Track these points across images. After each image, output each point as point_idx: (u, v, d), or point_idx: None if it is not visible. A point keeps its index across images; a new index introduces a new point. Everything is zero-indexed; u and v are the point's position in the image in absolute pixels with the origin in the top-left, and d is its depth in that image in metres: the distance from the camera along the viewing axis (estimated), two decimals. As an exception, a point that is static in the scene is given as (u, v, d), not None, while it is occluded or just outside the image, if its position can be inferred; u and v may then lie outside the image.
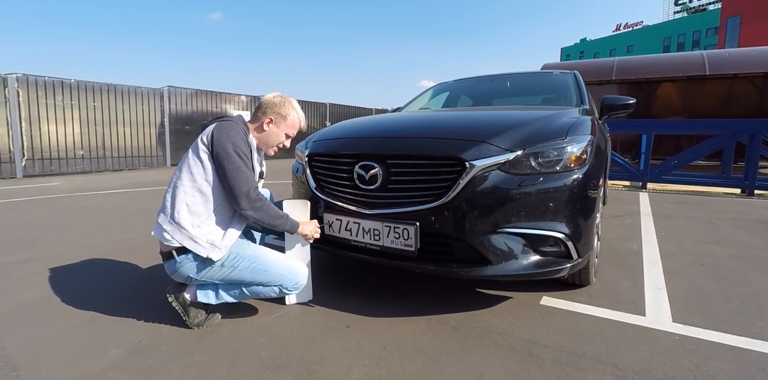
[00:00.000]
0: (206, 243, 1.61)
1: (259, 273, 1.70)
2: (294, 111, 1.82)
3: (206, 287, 1.76)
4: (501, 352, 1.55)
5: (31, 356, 1.54)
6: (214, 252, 1.62)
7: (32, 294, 2.11)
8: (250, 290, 1.75)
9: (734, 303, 2.01)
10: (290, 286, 1.76)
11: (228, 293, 1.76)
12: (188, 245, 1.60)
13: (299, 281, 1.78)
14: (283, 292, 1.77)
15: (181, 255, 1.65)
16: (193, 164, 1.64)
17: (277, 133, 1.81)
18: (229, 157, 1.60)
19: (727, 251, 2.88)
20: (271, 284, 1.73)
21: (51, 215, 4.31)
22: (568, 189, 1.71)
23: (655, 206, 4.69)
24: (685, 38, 44.06)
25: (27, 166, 8.29)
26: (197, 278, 1.68)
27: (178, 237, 1.60)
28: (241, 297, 1.79)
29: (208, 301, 1.76)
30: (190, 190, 1.63)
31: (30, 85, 8.28)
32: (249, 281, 1.72)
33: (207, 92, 11.71)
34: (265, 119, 1.78)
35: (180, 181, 1.64)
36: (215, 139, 1.62)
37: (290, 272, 1.75)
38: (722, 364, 1.47)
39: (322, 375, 1.41)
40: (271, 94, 1.83)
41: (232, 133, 1.64)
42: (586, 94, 2.92)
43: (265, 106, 1.79)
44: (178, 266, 1.67)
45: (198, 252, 1.60)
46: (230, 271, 1.69)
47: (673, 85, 9.99)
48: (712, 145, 6.15)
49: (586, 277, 2.10)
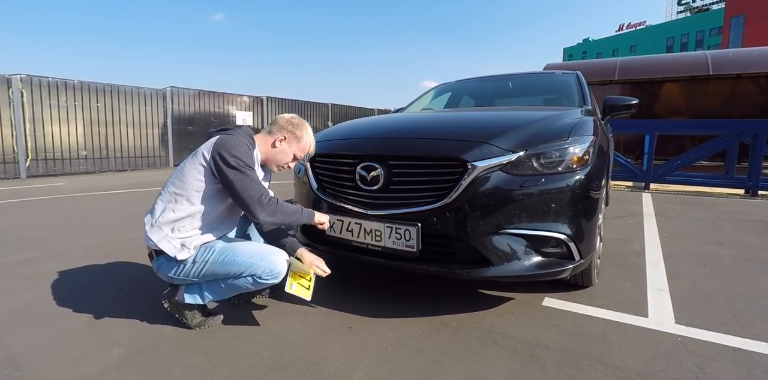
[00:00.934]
0: (178, 245, 1.62)
1: (229, 265, 1.65)
2: (308, 136, 1.83)
3: (192, 288, 1.75)
4: (503, 353, 1.55)
5: (34, 355, 1.54)
6: (182, 252, 1.62)
7: (35, 294, 2.13)
8: (227, 284, 1.70)
9: (738, 304, 2.00)
10: (264, 274, 1.64)
11: (211, 291, 1.74)
12: (162, 246, 1.61)
13: (273, 268, 1.65)
14: (259, 282, 1.66)
15: (159, 255, 1.68)
16: (188, 174, 1.64)
17: (287, 152, 1.81)
18: (233, 171, 1.58)
19: (730, 252, 2.87)
20: (243, 274, 1.65)
21: (54, 215, 4.33)
22: (570, 190, 1.70)
23: (658, 207, 4.68)
24: (688, 38, 43.93)
25: (31, 166, 8.33)
26: (176, 277, 1.69)
27: (155, 237, 1.62)
28: (222, 293, 1.74)
29: (195, 302, 1.74)
30: (179, 198, 1.63)
31: (34, 85, 8.32)
32: (223, 274, 1.68)
33: (210, 93, 11.73)
34: (279, 136, 1.78)
35: (172, 188, 1.65)
36: (217, 154, 1.60)
37: (262, 259, 1.65)
38: (725, 366, 1.46)
39: (324, 375, 1.41)
40: (289, 115, 1.85)
41: (235, 146, 1.62)
42: (589, 95, 2.91)
43: (281, 124, 1.80)
44: (157, 265, 1.70)
45: (167, 252, 1.61)
46: (203, 266, 1.66)
47: (676, 85, 9.95)
48: (715, 146, 6.13)
49: (588, 278, 2.10)
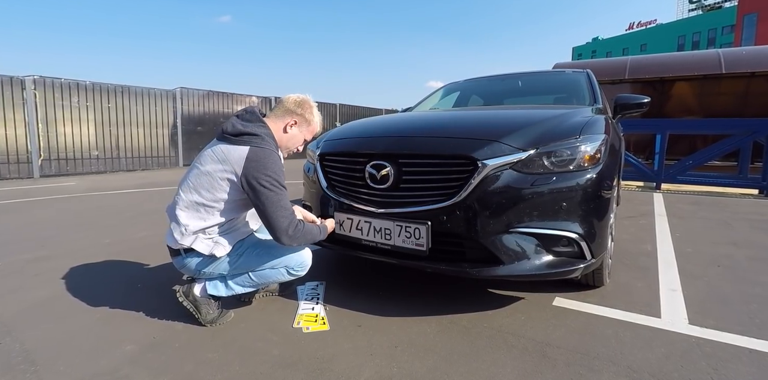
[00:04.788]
0: (211, 243, 1.66)
1: (264, 257, 1.71)
2: (316, 116, 1.82)
3: (215, 279, 1.77)
4: (513, 353, 1.54)
5: (48, 351, 1.57)
6: (218, 249, 1.65)
7: (48, 292, 2.15)
8: (257, 275, 1.73)
9: (753, 305, 1.96)
10: (296, 266, 1.75)
11: (236, 283, 1.75)
12: (194, 246, 1.63)
13: (303, 261, 1.76)
14: (290, 273, 1.75)
15: (187, 252, 1.69)
16: (215, 185, 1.60)
17: (298, 136, 1.81)
18: (265, 192, 1.56)
19: (745, 253, 2.82)
20: (278, 266, 1.72)
21: (66, 214, 4.39)
22: (581, 188, 1.69)
23: (670, 207, 4.62)
24: (700, 36, 43.34)
25: (43, 166, 8.45)
26: (206, 271, 1.71)
27: (186, 242, 1.64)
28: (250, 284, 1.76)
29: (218, 294, 1.75)
30: (209, 209, 1.64)
31: (47, 86, 8.44)
32: (257, 266, 1.72)
33: (218, 93, 11.81)
34: (290, 121, 1.76)
35: (198, 198, 1.63)
36: (251, 171, 1.55)
37: (293, 252, 1.74)
38: (741, 367, 1.44)
39: (334, 373, 1.41)
40: (294, 96, 1.79)
41: (270, 164, 1.57)
42: (599, 93, 2.87)
43: (289, 107, 1.76)
44: (186, 261, 1.71)
45: (202, 251, 1.64)
46: (236, 260, 1.71)
47: (688, 84, 9.80)
48: (728, 145, 6.03)
49: (599, 278, 2.07)
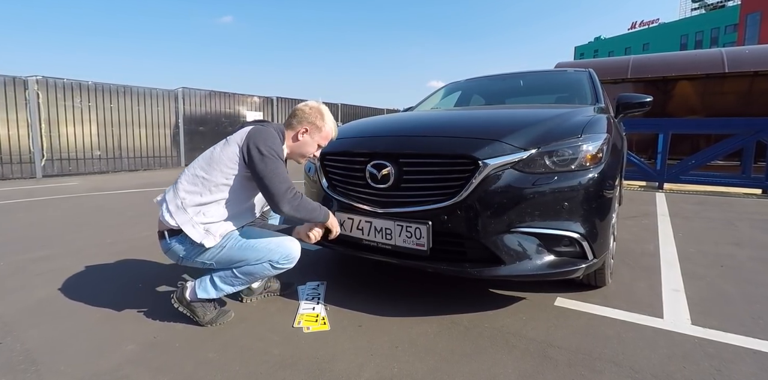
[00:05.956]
0: (202, 230, 1.64)
1: (246, 250, 1.69)
2: (329, 122, 1.83)
3: (204, 283, 1.75)
4: (514, 353, 1.53)
5: (49, 351, 1.57)
6: (208, 238, 1.64)
7: (49, 291, 2.16)
8: (241, 271, 1.71)
9: (756, 305, 1.95)
10: (281, 259, 1.70)
11: (224, 282, 1.74)
12: (185, 229, 1.62)
13: (289, 253, 1.72)
14: (275, 267, 1.71)
15: (173, 236, 1.69)
16: (219, 160, 1.67)
17: (311, 143, 1.82)
18: (265, 158, 1.61)
19: (748, 253, 2.81)
20: (260, 260, 1.69)
21: (68, 214, 4.40)
22: (583, 188, 1.68)
23: (672, 207, 4.60)
24: (702, 36, 43.12)
25: (46, 166, 8.47)
26: (188, 258, 1.70)
27: (180, 219, 1.63)
28: (238, 282, 1.75)
29: (208, 296, 1.74)
30: (207, 184, 1.66)
31: (49, 87, 8.47)
32: (238, 260, 1.70)
33: (220, 93, 11.82)
34: (301, 129, 1.79)
35: (200, 172, 1.68)
36: (251, 142, 1.63)
37: (278, 245, 1.71)
38: (744, 368, 1.43)
39: (335, 373, 1.41)
40: (306, 104, 1.83)
41: (269, 137, 1.66)
42: (601, 92, 2.86)
43: (300, 116, 1.80)
44: (170, 245, 1.71)
45: (192, 237, 1.62)
46: (219, 251, 1.68)
47: (691, 84, 9.77)
48: (731, 145, 6.00)
49: (601, 278, 2.06)
